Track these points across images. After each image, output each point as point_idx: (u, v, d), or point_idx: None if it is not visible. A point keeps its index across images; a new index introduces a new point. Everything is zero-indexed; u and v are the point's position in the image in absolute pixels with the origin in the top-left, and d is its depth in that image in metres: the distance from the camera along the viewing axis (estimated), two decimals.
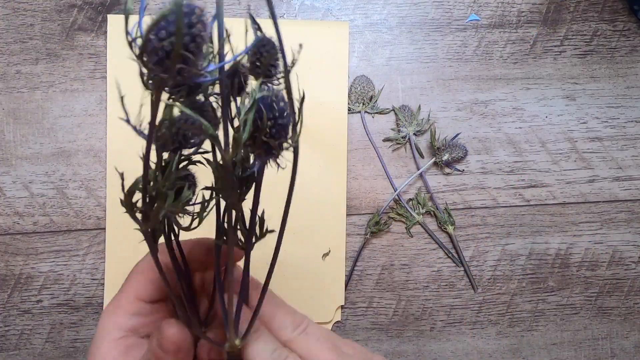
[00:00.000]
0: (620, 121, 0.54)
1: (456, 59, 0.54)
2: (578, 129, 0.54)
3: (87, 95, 0.52)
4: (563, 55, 0.54)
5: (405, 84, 0.53)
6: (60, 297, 0.51)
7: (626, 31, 0.54)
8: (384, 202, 0.53)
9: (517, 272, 0.53)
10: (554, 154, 0.54)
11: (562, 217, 0.53)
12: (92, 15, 0.52)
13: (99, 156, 0.52)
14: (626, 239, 0.54)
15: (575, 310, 0.53)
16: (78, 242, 0.51)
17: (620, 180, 0.54)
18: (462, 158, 0.53)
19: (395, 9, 0.54)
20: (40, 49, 0.52)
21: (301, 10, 0.53)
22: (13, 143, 0.52)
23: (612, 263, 0.54)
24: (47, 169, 0.51)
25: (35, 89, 0.52)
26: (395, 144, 0.53)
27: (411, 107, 0.53)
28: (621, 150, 0.54)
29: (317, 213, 0.52)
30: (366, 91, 0.52)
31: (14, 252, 0.51)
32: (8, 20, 0.52)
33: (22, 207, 0.51)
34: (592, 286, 0.54)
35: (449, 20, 0.54)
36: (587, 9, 0.54)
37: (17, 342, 0.51)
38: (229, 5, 0.52)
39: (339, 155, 0.52)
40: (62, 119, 0.52)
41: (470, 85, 0.54)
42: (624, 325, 0.54)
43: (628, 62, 0.54)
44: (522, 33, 0.54)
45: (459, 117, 0.53)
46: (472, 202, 0.53)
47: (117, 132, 0.52)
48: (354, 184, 0.53)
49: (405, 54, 0.53)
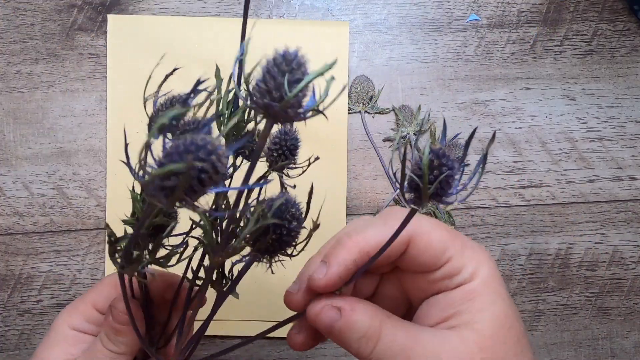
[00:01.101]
0: (620, 121, 0.54)
1: (456, 59, 0.54)
2: (578, 129, 0.54)
3: (87, 95, 0.52)
4: (563, 55, 0.54)
5: (405, 84, 0.53)
6: (60, 297, 0.51)
7: (626, 31, 0.54)
8: (384, 202, 0.53)
9: (517, 272, 0.53)
10: (554, 154, 0.54)
11: (562, 217, 0.53)
12: (92, 15, 0.52)
13: (99, 156, 0.52)
14: (626, 239, 0.54)
15: (575, 310, 0.53)
16: (78, 242, 0.51)
17: (620, 180, 0.54)
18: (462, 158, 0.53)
19: (395, 9, 0.54)
20: (40, 49, 0.52)
21: (301, 10, 0.53)
22: (13, 143, 0.52)
23: (612, 263, 0.54)
24: (47, 169, 0.51)
25: (35, 89, 0.52)
26: (395, 144, 0.53)
27: (411, 107, 0.53)
28: (621, 150, 0.54)
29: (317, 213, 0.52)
30: (366, 91, 0.52)
31: (14, 252, 0.51)
32: (8, 20, 0.52)
33: (22, 207, 0.51)
34: (592, 286, 0.54)
35: (449, 20, 0.54)
36: (587, 9, 0.54)
37: (17, 342, 0.51)
38: (229, 5, 0.52)
39: (339, 155, 0.52)
40: (62, 119, 0.52)
41: (470, 85, 0.54)
42: (624, 325, 0.54)
43: (628, 62, 0.54)
44: (522, 33, 0.54)
45: (459, 117, 0.53)
46: (472, 202, 0.53)
47: (117, 132, 0.52)
48: (354, 184, 0.53)
49: (405, 54, 0.53)
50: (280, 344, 0.52)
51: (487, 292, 0.28)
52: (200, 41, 0.52)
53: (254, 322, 0.52)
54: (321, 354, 0.52)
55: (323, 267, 0.29)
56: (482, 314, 0.28)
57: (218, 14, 0.53)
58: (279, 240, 0.26)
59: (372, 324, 0.28)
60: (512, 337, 0.28)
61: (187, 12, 0.52)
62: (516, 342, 0.28)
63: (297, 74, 0.20)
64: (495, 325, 0.27)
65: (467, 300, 0.28)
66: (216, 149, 0.19)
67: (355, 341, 0.28)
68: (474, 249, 0.29)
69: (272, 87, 0.20)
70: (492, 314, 0.28)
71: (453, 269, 0.28)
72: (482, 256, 0.29)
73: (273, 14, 0.53)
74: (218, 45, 0.52)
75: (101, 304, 0.35)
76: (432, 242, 0.28)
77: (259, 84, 0.20)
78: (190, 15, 0.52)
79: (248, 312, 0.51)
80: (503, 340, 0.27)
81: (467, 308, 0.28)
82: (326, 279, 0.28)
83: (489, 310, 0.28)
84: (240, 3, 0.53)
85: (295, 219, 0.26)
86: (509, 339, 0.28)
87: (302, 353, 0.52)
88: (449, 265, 0.29)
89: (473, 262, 0.29)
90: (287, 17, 0.53)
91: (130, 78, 0.52)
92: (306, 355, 0.52)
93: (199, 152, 0.18)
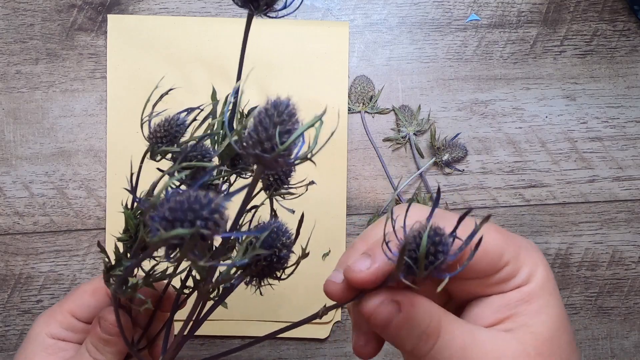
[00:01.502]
0: (620, 121, 0.54)
1: (456, 59, 0.54)
2: (578, 129, 0.54)
3: (87, 95, 0.52)
4: (563, 55, 0.54)
5: (405, 84, 0.53)
6: (60, 297, 0.51)
7: (626, 31, 0.54)
8: (384, 202, 0.53)
9: None
10: (554, 154, 0.54)
11: (562, 217, 0.53)
12: (92, 15, 0.52)
13: (99, 156, 0.52)
14: (626, 239, 0.54)
15: (575, 310, 0.53)
16: (78, 242, 0.51)
17: (620, 180, 0.54)
18: (462, 158, 0.53)
19: (395, 9, 0.54)
20: (40, 49, 0.52)
21: (301, 10, 0.53)
22: (13, 143, 0.52)
23: (612, 263, 0.54)
24: (47, 169, 0.51)
25: (35, 89, 0.52)
26: (396, 143, 0.53)
27: (411, 107, 0.53)
28: (621, 150, 0.54)
29: (317, 213, 0.52)
30: (366, 91, 0.52)
31: (14, 252, 0.51)
32: (8, 20, 0.52)
33: (22, 207, 0.51)
34: (592, 286, 0.54)
35: (449, 20, 0.54)
36: (587, 9, 0.54)
37: (17, 342, 0.51)
38: (229, 5, 0.52)
39: (339, 155, 0.52)
40: (62, 119, 0.52)
41: (470, 85, 0.54)
42: (624, 325, 0.54)
43: (628, 62, 0.54)
44: (522, 33, 0.54)
45: (459, 117, 0.53)
46: (472, 202, 0.53)
47: (117, 132, 0.52)
48: (354, 184, 0.53)
49: (405, 54, 0.53)
50: (280, 344, 0.52)
51: (544, 294, 0.28)
52: (200, 41, 0.52)
53: (254, 322, 0.52)
54: (321, 354, 0.52)
55: (367, 260, 0.27)
56: (539, 317, 0.27)
57: (218, 14, 0.53)
58: (268, 266, 0.27)
59: (433, 320, 0.26)
60: (565, 341, 0.27)
61: (187, 12, 0.52)
62: (568, 346, 0.28)
63: (288, 124, 0.20)
64: (552, 328, 0.27)
65: (524, 302, 0.27)
66: (219, 207, 0.19)
67: (415, 338, 0.26)
68: (529, 251, 0.28)
69: (264, 138, 0.20)
70: (550, 317, 0.27)
71: (510, 272, 0.28)
72: (537, 258, 0.28)
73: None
74: (218, 45, 0.52)
75: (79, 311, 0.35)
76: (488, 249, 0.27)
77: (251, 133, 0.20)
78: (190, 15, 0.52)
79: (248, 312, 0.51)
80: (558, 344, 0.27)
81: (523, 310, 0.27)
82: (369, 272, 0.26)
83: (546, 314, 0.27)
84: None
85: (285, 247, 0.26)
86: (563, 343, 0.27)
87: (302, 353, 0.52)
88: (506, 270, 0.28)
89: (529, 263, 0.28)
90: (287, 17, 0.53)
91: (130, 78, 0.52)
92: (306, 355, 0.52)
93: (203, 210, 0.19)
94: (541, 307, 0.27)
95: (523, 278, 0.28)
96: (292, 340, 0.52)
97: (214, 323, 0.52)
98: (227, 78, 0.52)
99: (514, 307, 0.27)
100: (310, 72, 0.52)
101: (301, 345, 0.52)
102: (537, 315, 0.27)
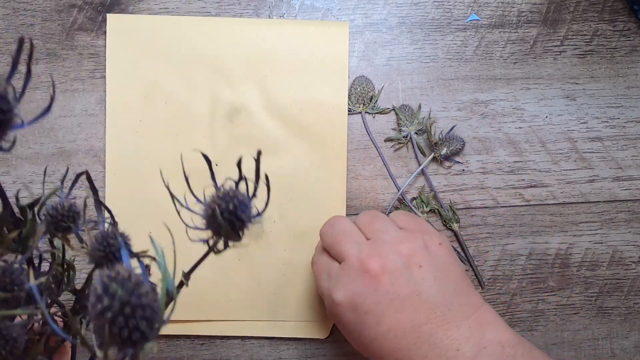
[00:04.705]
0: (620, 121, 0.54)
1: (456, 59, 0.54)
2: (578, 129, 0.54)
3: (87, 95, 0.52)
4: (563, 55, 0.54)
5: (405, 84, 0.53)
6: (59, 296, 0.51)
7: (626, 31, 0.54)
8: (384, 202, 0.53)
9: (517, 272, 0.53)
10: (554, 154, 0.54)
11: (562, 217, 0.53)
12: (92, 15, 0.52)
13: (99, 156, 0.52)
14: (626, 239, 0.54)
15: (575, 310, 0.53)
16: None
17: (620, 180, 0.54)
18: (461, 150, 0.53)
19: (395, 9, 0.54)
20: (40, 49, 0.52)
21: (301, 10, 0.53)
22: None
23: (612, 263, 0.54)
24: (47, 169, 0.51)
25: (35, 89, 0.52)
26: (397, 143, 0.53)
27: (411, 107, 0.53)
28: (621, 150, 0.54)
29: (317, 213, 0.52)
30: (366, 92, 0.52)
31: None
32: (8, 20, 0.52)
33: None
34: (592, 286, 0.54)
35: (449, 20, 0.54)
36: (587, 9, 0.54)
37: None
38: (229, 5, 0.52)
39: (339, 155, 0.52)
40: (62, 119, 0.52)
41: (470, 85, 0.54)
42: (624, 325, 0.54)
43: (628, 62, 0.54)
44: (522, 33, 0.54)
45: (459, 117, 0.53)
46: (472, 202, 0.53)
47: (116, 132, 0.52)
48: (354, 184, 0.53)
49: (405, 54, 0.53)
50: (280, 344, 0.52)
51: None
52: (201, 41, 0.52)
53: (254, 322, 0.52)
54: (321, 354, 0.52)
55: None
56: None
57: (218, 14, 0.53)
58: (234, 223, 0.25)
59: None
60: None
61: (187, 12, 0.52)
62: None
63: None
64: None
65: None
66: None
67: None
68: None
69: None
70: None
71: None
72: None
73: (273, 14, 0.53)
74: (218, 45, 0.52)
75: None
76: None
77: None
78: (190, 15, 0.52)
79: (248, 312, 0.51)
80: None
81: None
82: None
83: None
84: (241, 3, 0.53)
85: (238, 197, 0.26)
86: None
87: (302, 353, 0.52)
88: None
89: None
90: (287, 17, 0.53)
91: (130, 78, 0.52)
92: (306, 355, 0.52)
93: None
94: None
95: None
96: (292, 340, 0.52)
97: (213, 323, 0.52)
98: (227, 78, 0.52)
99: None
100: (310, 72, 0.52)
101: (301, 345, 0.52)
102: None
